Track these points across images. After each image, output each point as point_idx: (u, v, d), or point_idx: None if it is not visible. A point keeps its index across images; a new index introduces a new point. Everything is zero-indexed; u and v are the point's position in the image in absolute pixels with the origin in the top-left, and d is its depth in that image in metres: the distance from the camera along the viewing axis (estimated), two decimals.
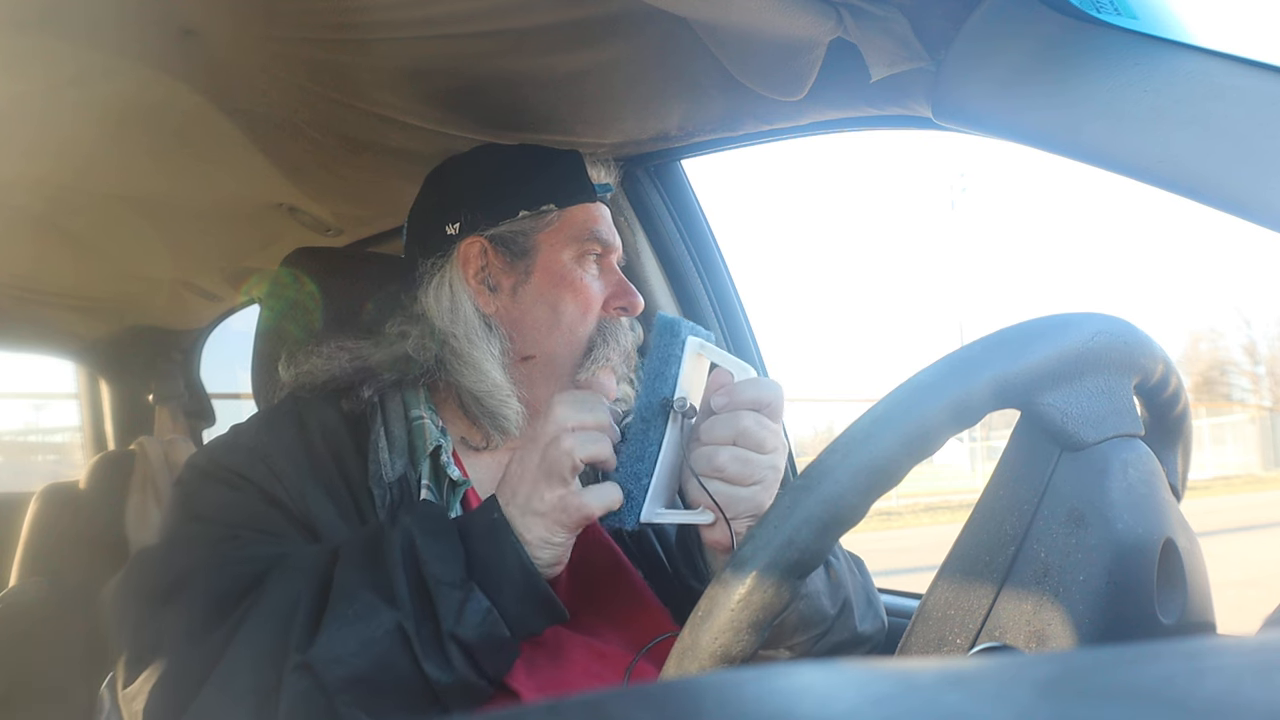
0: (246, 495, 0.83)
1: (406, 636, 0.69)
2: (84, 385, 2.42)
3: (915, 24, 0.76)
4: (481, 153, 1.02)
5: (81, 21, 0.96)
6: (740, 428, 0.73)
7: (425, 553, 0.72)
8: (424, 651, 0.69)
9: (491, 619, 0.71)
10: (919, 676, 0.20)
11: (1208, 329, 31.69)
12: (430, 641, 0.70)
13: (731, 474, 0.73)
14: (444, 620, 0.70)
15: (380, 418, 0.90)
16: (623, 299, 0.96)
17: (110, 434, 2.34)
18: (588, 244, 0.95)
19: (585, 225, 0.96)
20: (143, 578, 0.80)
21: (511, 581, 0.72)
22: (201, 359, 2.34)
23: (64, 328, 2.19)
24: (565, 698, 0.20)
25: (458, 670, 0.70)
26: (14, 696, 1.50)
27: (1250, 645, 0.23)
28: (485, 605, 0.71)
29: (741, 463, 0.73)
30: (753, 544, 0.48)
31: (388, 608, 0.70)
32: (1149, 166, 0.62)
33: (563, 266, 0.95)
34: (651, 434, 0.73)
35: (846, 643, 0.84)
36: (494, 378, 0.91)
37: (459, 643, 0.70)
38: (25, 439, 10.11)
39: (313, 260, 1.17)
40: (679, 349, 0.73)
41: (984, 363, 0.49)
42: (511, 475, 0.76)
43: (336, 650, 0.69)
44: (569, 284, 0.94)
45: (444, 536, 0.74)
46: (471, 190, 0.97)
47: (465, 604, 0.70)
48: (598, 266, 0.97)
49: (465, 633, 0.70)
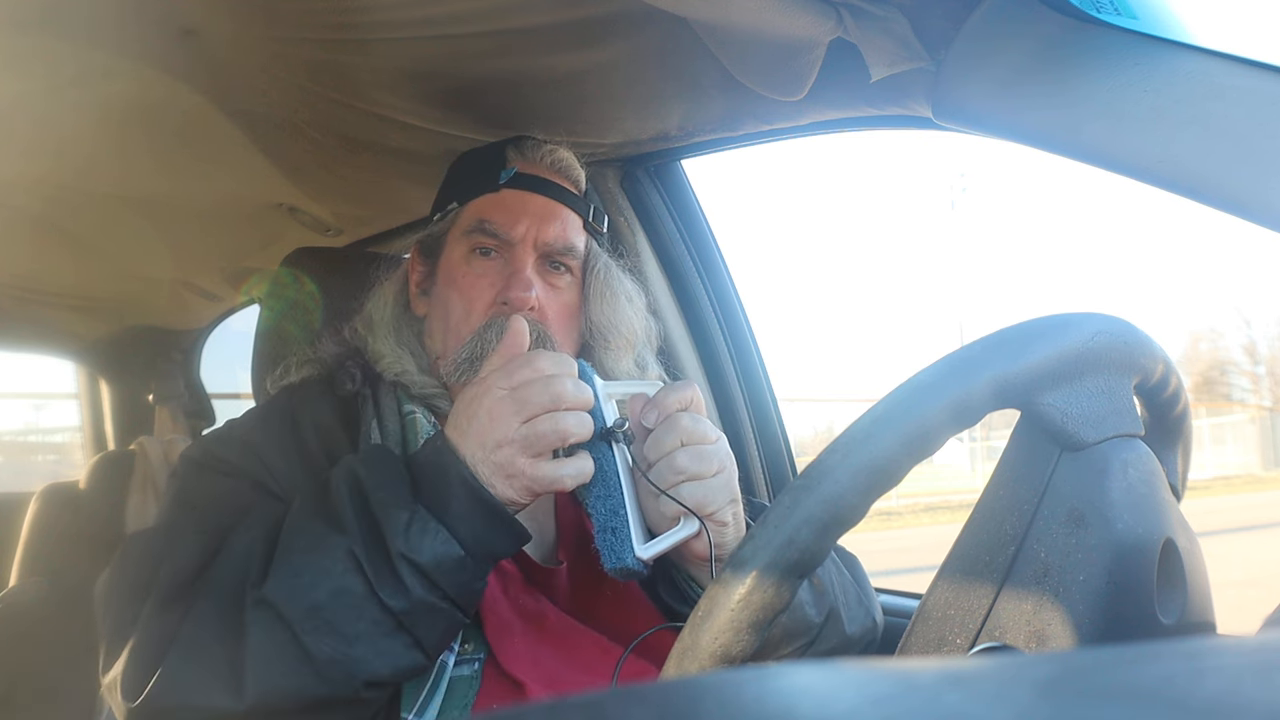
0: (239, 485, 0.83)
1: (358, 561, 0.69)
2: (84, 385, 2.42)
3: (915, 24, 0.76)
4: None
5: (82, 21, 0.96)
6: (681, 427, 0.75)
7: (369, 480, 0.72)
8: (376, 576, 0.68)
9: (441, 536, 0.70)
10: (919, 676, 0.20)
11: (1208, 329, 31.70)
12: (381, 565, 0.69)
13: (695, 470, 0.74)
14: (392, 541, 0.69)
15: (373, 412, 0.90)
16: (505, 292, 0.90)
17: (110, 434, 2.34)
18: (474, 237, 0.93)
19: (474, 217, 0.93)
20: (129, 566, 0.79)
21: (457, 497, 0.71)
22: (201, 359, 2.34)
23: (64, 328, 2.19)
24: (565, 698, 0.20)
25: (414, 593, 0.69)
26: (14, 696, 1.50)
27: (1250, 645, 0.23)
28: (431, 523, 0.70)
29: (698, 457, 0.74)
30: (753, 544, 0.48)
31: (336, 533, 0.70)
32: (1149, 166, 0.62)
33: (452, 265, 0.95)
34: (607, 466, 0.74)
35: (836, 649, 0.83)
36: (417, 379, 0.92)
37: (410, 564, 0.69)
38: (25, 439, 10.11)
39: (313, 260, 1.18)
40: (596, 388, 0.76)
41: (984, 363, 0.49)
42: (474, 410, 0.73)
43: (290, 582, 0.68)
44: (454, 282, 0.93)
45: (387, 464, 0.74)
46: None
47: (411, 523, 0.70)
48: (500, 259, 0.92)
49: (418, 554, 0.69)
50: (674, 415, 0.76)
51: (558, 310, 0.93)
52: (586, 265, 0.97)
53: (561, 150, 0.97)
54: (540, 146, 0.97)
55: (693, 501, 0.73)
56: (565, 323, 0.94)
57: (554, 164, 0.97)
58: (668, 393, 0.77)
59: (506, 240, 0.92)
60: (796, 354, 43.64)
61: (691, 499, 0.73)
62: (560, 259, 0.94)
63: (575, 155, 0.99)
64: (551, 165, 0.97)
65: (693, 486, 0.73)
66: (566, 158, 0.97)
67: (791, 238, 64.14)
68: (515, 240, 0.92)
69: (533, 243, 0.92)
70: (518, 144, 0.98)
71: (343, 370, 0.95)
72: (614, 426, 0.75)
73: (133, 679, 0.69)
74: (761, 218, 67.03)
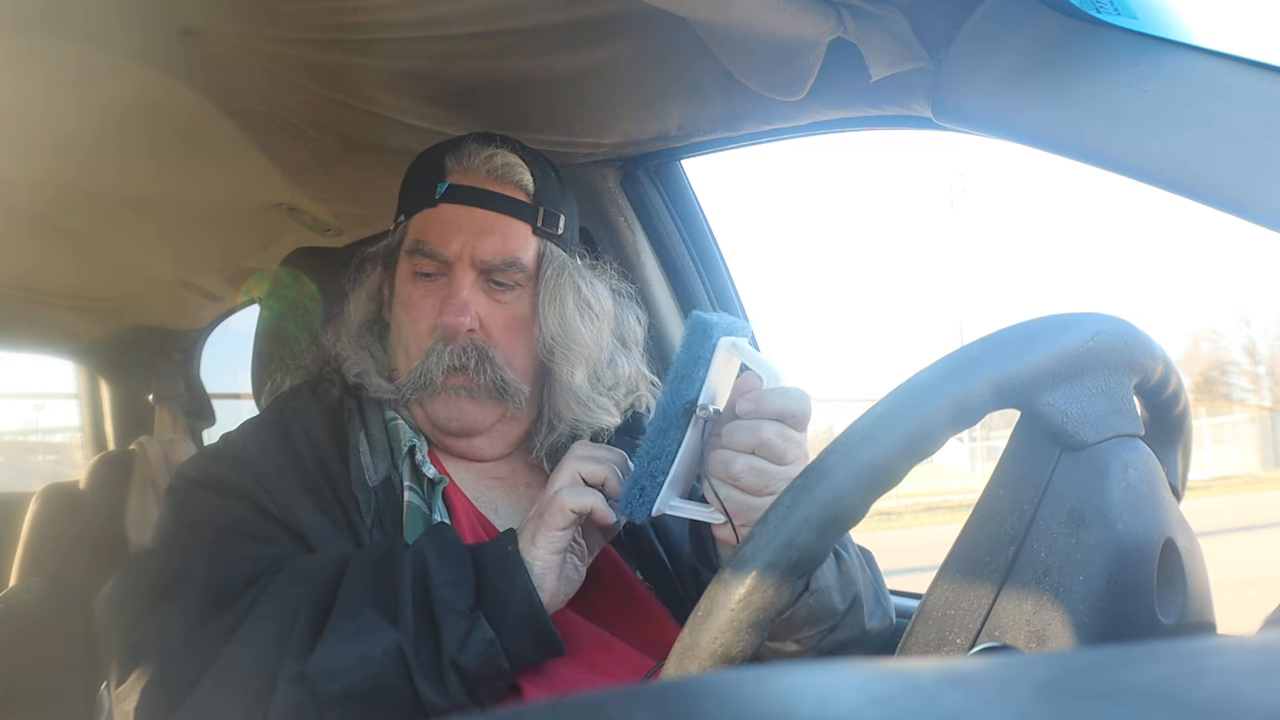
0: (236, 503, 0.83)
1: (405, 659, 0.69)
2: (84, 385, 2.42)
3: (915, 24, 0.76)
4: None
5: (82, 21, 0.96)
6: (761, 438, 0.71)
7: (436, 576, 0.72)
8: (421, 674, 0.69)
9: (494, 650, 0.71)
10: (919, 676, 0.20)
11: (1208, 329, 31.67)
12: (430, 666, 0.70)
13: (747, 484, 0.71)
14: (446, 647, 0.70)
15: (360, 421, 0.90)
16: (439, 317, 0.88)
17: (110, 434, 2.33)
18: (415, 259, 0.90)
19: (414, 237, 0.91)
20: (136, 579, 0.80)
21: (518, 614, 0.72)
22: (201, 359, 2.34)
23: (64, 328, 2.19)
24: (565, 698, 0.20)
25: (453, 696, 0.70)
26: (14, 696, 1.50)
27: (1250, 645, 0.23)
28: (490, 636, 0.71)
29: (758, 473, 0.71)
30: (753, 544, 0.48)
31: (390, 627, 0.70)
32: (1149, 166, 0.62)
33: (400, 284, 0.93)
34: (671, 434, 0.72)
35: (855, 639, 0.82)
36: (374, 381, 0.92)
37: (458, 670, 0.70)
38: (25, 439, 10.11)
39: (313, 260, 1.18)
40: (709, 352, 0.71)
41: (984, 363, 0.49)
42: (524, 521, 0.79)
43: (334, 664, 0.68)
44: (402, 303, 0.92)
45: (455, 561, 0.74)
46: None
47: (470, 633, 0.71)
48: (442, 280, 0.90)
49: (466, 661, 0.70)
50: (763, 421, 0.71)
51: (504, 325, 0.90)
52: (539, 273, 0.92)
53: (502, 154, 0.91)
54: (478, 153, 0.91)
55: (731, 505, 0.71)
56: (514, 336, 0.91)
57: (492, 171, 0.90)
58: (774, 395, 0.72)
59: (444, 260, 0.89)
60: (796, 354, 43.61)
61: (730, 502, 0.71)
62: (501, 275, 0.90)
63: (522, 156, 0.93)
64: (490, 173, 0.90)
65: (736, 493, 0.71)
66: (508, 162, 0.91)
67: (791, 237, 64.15)
68: (451, 259, 0.89)
69: (469, 261, 0.88)
70: (456, 150, 0.92)
71: (324, 378, 0.95)
72: (700, 405, 0.71)
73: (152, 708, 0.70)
74: (761, 218, 67.05)
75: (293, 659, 0.69)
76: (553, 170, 0.97)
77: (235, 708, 0.69)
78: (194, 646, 0.72)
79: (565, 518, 0.75)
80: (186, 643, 0.72)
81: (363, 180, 1.37)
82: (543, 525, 0.75)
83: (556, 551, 0.75)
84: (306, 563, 0.78)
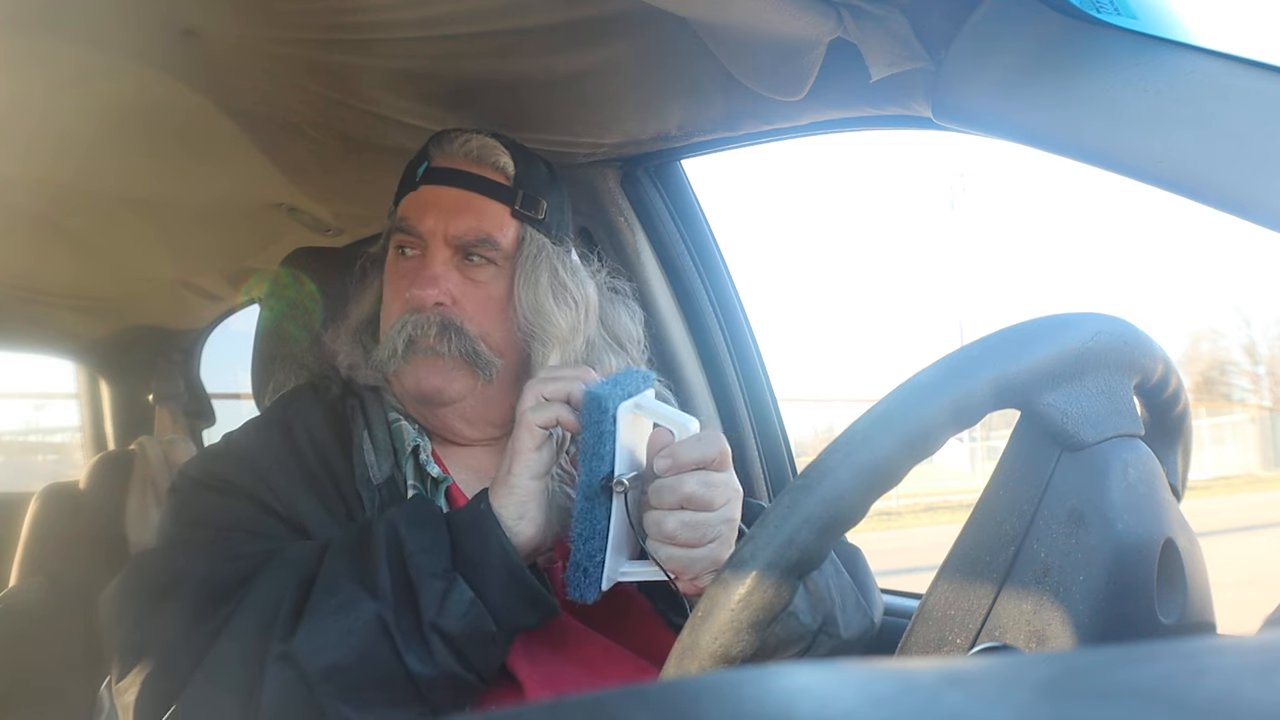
0: (239, 502, 0.83)
1: (386, 627, 0.69)
2: (84, 385, 2.42)
3: (915, 24, 0.77)
4: None
5: (81, 21, 0.96)
6: (685, 493, 0.71)
7: (410, 544, 0.72)
8: (404, 643, 0.69)
9: (476, 610, 0.70)
10: (919, 676, 0.20)
11: (1208, 329, 31.60)
12: (411, 633, 0.69)
13: (683, 539, 0.71)
14: (425, 611, 0.69)
15: (363, 420, 0.90)
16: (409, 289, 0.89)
17: (110, 434, 2.33)
18: (397, 236, 0.93)
19: (398, 217, 0.93)
20: (139, 579, 0.81)
21: (495, 572, 0.72)
22: (201, 359, 2.34)
23: (64, 328, 2.19)
24: (565, 698, 0.20)
25: (440, 662, 0.69)
26: (14, 696, 1.50)
27: (1250, 645, 0.23)
28: (469, 596, 0.71)
29: (691, 527, 0.71)
30: (753, 544, 0.48)
31: (369, 598, 0.70)
32: (1149, 166, 0.62)
33: (387, 265, 0.96)
34: (598, 512, 0.73)
35: (833, 652, 0.83)
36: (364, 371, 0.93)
37: (441, 634, 0.70)
38: (25, 439, 10.10)
39: (313, 260, 1.18)
40: (610, 424, 0.72)
41: (984, 363, 0.49)
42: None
43: (318, 641, 0.68)
44: (388, 281, 0.95)
45: (429, 527, 0.74)
46: None
47: (448, 594, 0.70)
48: (420, 256, 0.91)
49: (448, 624, 0.70)
50: (682, 476, 0.71)
51: (479, 303, 0.90)
52: (518, 255, 0.92)
53: (479, 138, 0.93)
54: (458, 138, 0.93)
55: (671, 565, 0.72)
56: (489, 315, 0.91)
57: (469, 153, 0.92)
58: (688, 447, 0.73)
59: (420, 236, 0.90)
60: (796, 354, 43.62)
61: (671, 562, 0.72)
62: (475, 251, 0.90)
63: (504, 143, 0.94)
64: (467, 155, 0.92)
65: (678, 551, 0.72)
66: (485, 145, 0.92)
67: (791, 237, 64.16)
68: (426, 235, 0.90)
69: (443, 237, 0.90)
70: (439, 138, 0.95)
71: (325, 377, 0.96)
72: (617, 478, 0.72)
73: (150, 702, 0.70)
74: (761, 218, 67.04)
75: (278, 640, 0.69)
76: (542, 163, 0.98)
77: (230, 696, 0.69)
78: (190, 640, 0.72)
79: (535, 435, 0.75)
80: (183, 637, 0.72)
81: (363, 180, 1.37)
82: (516, 453, 0.75)
83: (536, 476, 0.75)
84: (292, 550, 0.78)
